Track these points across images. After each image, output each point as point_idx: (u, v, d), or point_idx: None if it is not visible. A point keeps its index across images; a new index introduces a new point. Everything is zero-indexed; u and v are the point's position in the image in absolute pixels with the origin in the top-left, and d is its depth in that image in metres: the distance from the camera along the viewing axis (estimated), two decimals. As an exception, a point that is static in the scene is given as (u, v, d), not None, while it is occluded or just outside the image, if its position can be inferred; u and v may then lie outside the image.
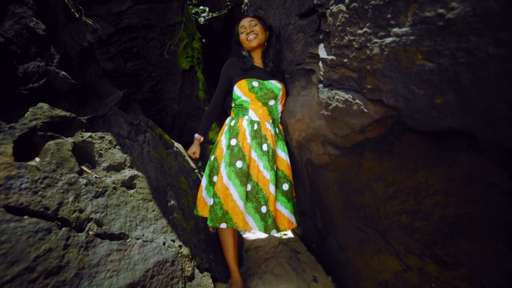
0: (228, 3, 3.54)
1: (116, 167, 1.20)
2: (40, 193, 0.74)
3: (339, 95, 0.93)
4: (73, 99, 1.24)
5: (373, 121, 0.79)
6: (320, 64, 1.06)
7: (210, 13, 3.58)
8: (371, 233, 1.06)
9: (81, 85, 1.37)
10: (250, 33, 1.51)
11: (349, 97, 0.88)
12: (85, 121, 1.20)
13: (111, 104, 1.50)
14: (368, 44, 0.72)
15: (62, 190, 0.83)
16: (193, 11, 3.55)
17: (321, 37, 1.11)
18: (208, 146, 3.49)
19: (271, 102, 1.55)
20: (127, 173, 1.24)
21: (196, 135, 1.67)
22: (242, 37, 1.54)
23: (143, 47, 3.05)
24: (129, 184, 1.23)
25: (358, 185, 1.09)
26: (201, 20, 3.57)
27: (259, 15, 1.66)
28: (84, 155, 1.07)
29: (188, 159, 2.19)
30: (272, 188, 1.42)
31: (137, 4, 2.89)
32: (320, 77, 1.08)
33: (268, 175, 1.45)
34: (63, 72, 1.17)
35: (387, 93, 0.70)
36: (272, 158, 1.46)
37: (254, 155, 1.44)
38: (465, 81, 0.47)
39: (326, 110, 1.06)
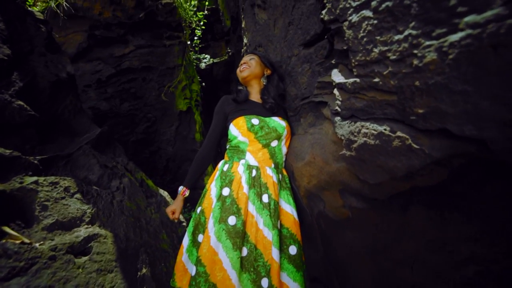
0: (229, 50, 3.64)
1: (67, 225, 0.89)
2: None
3: (368, 128, 0.69)
4: (29, 135, 1.00)
5: (431, 162, 0.52)
6: (336, 92, 0.85)
7: (211, 59, 3.65)
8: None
9: (47, 119, 1.15)
10: (243, 64, 1.39)
11: (384, 130, 0.63)
12: (36, 162, 0.94)
13: (82, 143, 1.26)
14: (415, 51, 0.50)
15: None
16: (194, 57, 3.63)
17: (333, 61, 0.93)
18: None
19: (274, 143, 1.30)
20: (82, 232, 0.92)
21: (181, 188, 1.29)
22: (237, 70, 1.43)
23: (141, 88, 2.99)
24: (81, 248, 0.89)
25: (399, 253, 0.76)
26: (202, 65, 3.62)
27: (261, 53, 1.53)
28: (18, 209, 0.78)
29: (175, 209, 1.86)
30: (275, 253, 1.07)
31: (139, 48, 2.93)
32: (337, 108, 0.85)
33: (269, 234, 1.11)
34: (19, 102, 0.96)
35: (459, 118, 0.44)
36: (274, 212, 1.14)
37: (251, 208, 1.13)
38: None
39: (348, 149, 0.80)
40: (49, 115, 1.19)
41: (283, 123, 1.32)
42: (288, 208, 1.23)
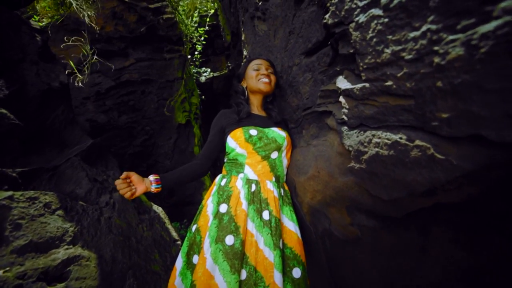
0: (229, 64, 3.66)
1: (43, 246, 0.79)
2: None
3: (380, 137, 0.62)
4: (11, 145, 0.93)
5: (460, 174, 0.44)
6: (342, 99, 0.78)
7: (211, 73, 3.66)
8: None
9: (34, 129, 1.09)
10: (265, 76, 1.26)
11: (400, 138, 0.56)
12: (15, 174, 0.86)
13: (71, 155, 1.18)
14: (436, 48, 0.44)
15: None
16: (194, 70, 3.64)
17: (337, 68, 0.88)
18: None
19: (274, 155, 1.22)
20: (61, 254, 0.82)
21: (153, 176, 1.08)
22: (252, 74, 1.28)
23: (140, 100, 2.96)
24: (57, 273, 0.79)
25: (421, 280, 0.66)
26: (202, 79, 3.63)
27: (275, 66, 1.40)
28: (-14, 228, 0.69)
29: (169, 226, 1.74)
30: (277, 277, 0.96)
31: (140, 61, 2.92)
32: (343, 116, 0.78)
33: (271, 255, 1.00)
34: (1, 110, 0.89)
35: (496, 122, 0.37)
36: (276, 230, 1.04)
37: (251, 226, 1.03)
38: None
39: (357, 161, 0.72)
40: (37, 125, 1.12)
41: (282, 133, 1.25)
42: (291, 225, 1.13)
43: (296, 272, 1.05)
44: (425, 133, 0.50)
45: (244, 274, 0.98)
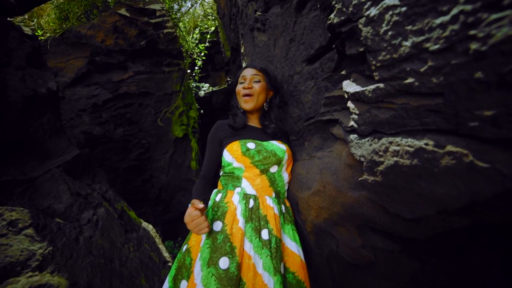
0: (228, 79, 3.65)
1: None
2: None
3: (399, 145, 0.53)
4: (-18, 154, 0.84)
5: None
6: (351, 104, 0.70)
7: (211, 87, 3.65)
8: None
9: (12, 137, 1.00)
10: (247, 89, 1.18)
11: (425, 145, 0.47)
12: (-19, 187, 0.76)
13: (52, 166, 1.08)
14: (473, 32, 0.36)
15: None
16: (194, 85, 3.62)
17: (343, 72, 0.81)
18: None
19: (273, 169, 1.12)
20: (21, 284, 0.69)
21: (198, 201, 0.91)
22: (238, 88, 1.23)
23: (137, 113, 2.90)
24: (17, 305, 0.67)
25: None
26: (201, 93, 3.60)
27: (266, 71, 1.28)
28: None
29: (160, 246, 1.60)
30: (278, 309, 0.83)
31: (138, 74, 2.90)
32: (353, 123, 0.70)
33: (270, 281, 0.88)
34: (-27, 115, 0.81)
35: None
36: (276, 252, 0.92)
37: (248, 247, 0.91)
38: None
39: (370, 173, 0.63)
40: (16, 133, 1.03)
41: (283, 146, 1.16)
42: (293, 246, 1.01)
43: (300, 303, 0.91)
44: (459, 136, 0.41)
45: (240, 305, 0.85)
